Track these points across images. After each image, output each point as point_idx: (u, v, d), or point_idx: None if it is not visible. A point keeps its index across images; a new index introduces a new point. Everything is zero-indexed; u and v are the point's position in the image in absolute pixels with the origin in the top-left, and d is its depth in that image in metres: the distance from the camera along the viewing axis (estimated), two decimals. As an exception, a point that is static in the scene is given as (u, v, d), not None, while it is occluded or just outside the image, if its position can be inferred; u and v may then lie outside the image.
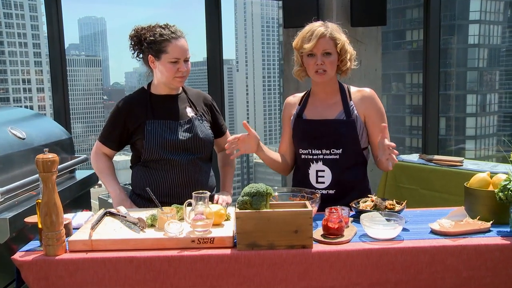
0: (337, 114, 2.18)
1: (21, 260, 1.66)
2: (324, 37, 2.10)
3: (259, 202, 1.67)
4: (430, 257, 1.67)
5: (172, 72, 2.17)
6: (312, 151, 2.18)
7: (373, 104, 2.20)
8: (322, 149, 2.16)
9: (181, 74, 2.19)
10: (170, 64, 2.16)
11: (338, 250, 1.67)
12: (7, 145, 2.35)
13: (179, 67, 2.17)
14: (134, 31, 2.24)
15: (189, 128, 2.24)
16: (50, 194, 1.67)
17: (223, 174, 2.50)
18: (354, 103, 2.19)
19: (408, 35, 53.16)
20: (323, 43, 2.10)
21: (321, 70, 2.13)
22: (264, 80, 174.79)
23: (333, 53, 2.12)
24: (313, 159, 2.18)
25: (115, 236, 1.75)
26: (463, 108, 52.63)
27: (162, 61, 2.17)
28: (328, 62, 2.11)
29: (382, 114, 2.22)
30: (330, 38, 2.11)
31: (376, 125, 2.15)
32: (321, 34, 2.10)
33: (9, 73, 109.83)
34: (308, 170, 2.20)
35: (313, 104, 2.25)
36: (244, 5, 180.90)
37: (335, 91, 2.23)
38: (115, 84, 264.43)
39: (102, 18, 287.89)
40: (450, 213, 1.90)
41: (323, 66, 2.12)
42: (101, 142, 2.31)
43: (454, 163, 3.64)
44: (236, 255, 1.65)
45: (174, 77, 2.19)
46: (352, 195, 2.13)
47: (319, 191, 2.09)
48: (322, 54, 2.11)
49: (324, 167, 2.17)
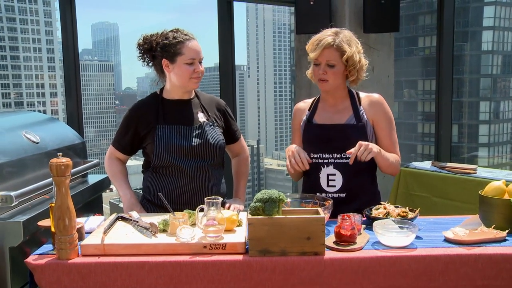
0: (347, 119, 2.20)
1: (34, 263, 1.67)
2: (329, 48, 2.11)
3: (271, 208, 1.66)
4: (443, 266, 1.65)
5: (188, 73, 2.17)
6: (323, 155, 2.19)
7: (381, 109, 2.22)
8: (333, 153, 2.18)
9: (197, 75, 2.19)
10: (186, 65, 2.17)
11: (351, 257, 1.66)
12: (21, 149, 2.37)
13: (195, 67, 2.19)
14: (143, 39, 2.24)
15: (200, 134, 2.23)
16: (64, 198, 1.68)
17: (236, 181, 2.49)
18: (363, 108, 2.21)
19: (420, 41, 52.94)
20: (327, 54, 2.12)
21: (323, 79, 2.16)
22: (275, 86, 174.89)
23: (338, 64, 2.13)
24: (324, 163, 2.19)
25: (127, 241, 1.75)
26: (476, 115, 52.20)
27: (177, 63, 2.18)
28: (331, 72, 2.13)
29: (390, 119, 2.24)
30: (336, 49, 2.11)
31: (384, 130, 2.20)
32: (327, 44, 2.10)
33: (23, 77, 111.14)
34: (319, 174, 2.20)
35: (323, 109, 2.27)
36: (256, 11, 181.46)
37: (344, 97, 2.24)
38: (127, 89, 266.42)
39: (115, 23, 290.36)
40: (464, 221, 1.88)
41: (325, 76, 2.14)
42: (114, 146, 2.32)
43: (467, 170, 3.61)
44: (248, 261, 1.65)
45: (190, 78, 2.19)
46: (362, 199, 2.15)
47: (329, 194, 2.13)
48: (326, 64, 2.13)
49: (335, 171, 2.17)
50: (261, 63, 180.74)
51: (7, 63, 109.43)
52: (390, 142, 2.22)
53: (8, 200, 2.06)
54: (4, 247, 2.02)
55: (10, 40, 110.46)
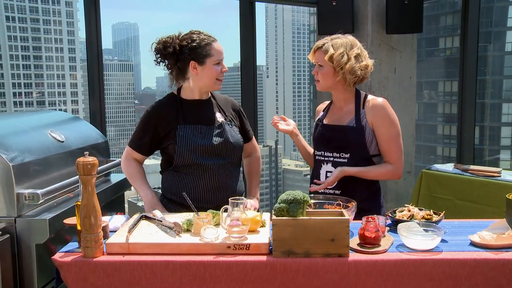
0: (348, 120, 2.29)
1: (60, 260, 1.69)
2: (318, 50, 2.27)
3: (296, 209, 1.66)
4: (470, 269, 1.63)
5: (216, 74, 2.23)
6: (325, 153, 2.33)
7: (382, 113, 2.25)
8: (333, 152, 2.30)
9: (222, 75, 2.26)
10: (215, 66, 2.22)
11: (375, 260, 1.65)
12: (46, 147, 2.41)
13: (222, 67, 2.24)
14: (163, 43, 2.22)
15: (220, 133, 2.26)
16: (90, 196, 1.70)
17: (249, 180, 2.54)
18: (365, 111, 2.27)
19: (441, 42, 52.27)
20: (316, 56, 2.29)
21: (316, 79, 2.31)
22: (294, 86, 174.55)
23: (325, 65, 2.25)
24: (324, 161, 2.32)
25: (152, 240, 1.76)
26: (498, 118, 51.33)
27: (207, 65, 2.21)
28: (320, 73, 2.27)
29: (392, 124, 2.26)
30: (324, 52, 2.24)
31: (383, 135, 2.25)
32: (318, 47, 2.28)
33: (45, 77, 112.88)
34: (319, 170, 2.34)
35: (332, 111, 2.40)
36: (275, 11, 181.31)
37: (350, 99, 2.32)
38: (146, 89, 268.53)
39: (135, 23, 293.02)
40: (491, 225, 1.85)
41: (316, 77, 2.30)
42: (131, 147, 2.32)
43: (491, 173, 3.55)
44: (271, 262, 1.65)
45: (216, 80, 2.25)
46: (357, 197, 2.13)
47: (326, 190, 2.25)
48: (318, 65, 2.29)
49: (332, 169, 2.28)
50: (280, 64, 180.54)
51: (30, 63, 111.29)
52: (388, 147, 2.25)
53: (35, 198, 2.09)
54: (31, 244, 2.06)
55: (33, 40, 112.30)
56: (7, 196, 2.07)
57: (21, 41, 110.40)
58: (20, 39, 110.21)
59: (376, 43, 4.21)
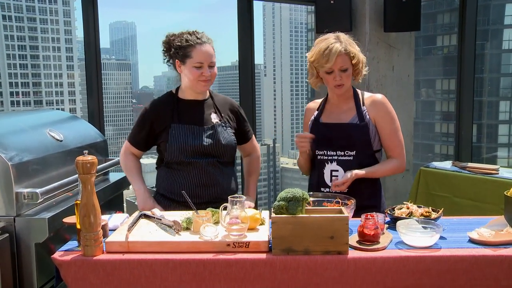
0: (350, 118, 2.29)
1: (60, 259, 1.70)
2: (341, 55, 2.20)
3: (295, 207, 1.66)
4: (468, 266, 1.64)
5: (195, 76, 2.23)
6: (328, 152, 2.30)
7: (383, 109, 2.29)
8: (337, 151, 2.28)
9: (204, 79, 2.24)
10: (194, 68, 2.23)
11: (374, 257, 1.66)
12: (45, 147, 2.41)
13: (203, 71, 2.23)
14: (166, 38, 2.32)
15: (212, 134, 2.29)
16: (89, 195, 1.70)
17: (247, 179, 2.55)
18: (366, 108, 2.29)
19: (439, 40, 52.28)
20: (339, 61, 2.20)
21: (340, 84, 2.25)
22: (291, 85, 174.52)
23: (349, 67, 2.24)
24: (328, 160, 2.30)
25: (151, 239, 1.77)
26: (495, 115, 51.39)
27: (187, 65, 2.24)
28: (345, 76, 2.24)
29: (392, 119, 2.31)
30: (346, 54, 2.21)
31: (385, 130, 2.28)
32: (339, 52, 2.19)
33: (42, 76, 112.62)
34: (323, 170, 2.31)
35: (329, 110, 2.39)
36: (272, 10, 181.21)
37: (349, 97, 2.34)
38: (144, 88, 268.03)
39: (133, 22, 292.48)
40: (489, 222, 1.86)
41: (341, 81, 2.24)
42: (129, 142, 2.39)
43: (489, 171, 3.56)
44: (271, 260, 1.65)
45: (198, 81, 2.25)
46: (363, 194, 2.20)
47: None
48: (339, 70, 2.22)
49: (338, 167, 2.28)
50: (278, 62, 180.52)
51: (27, 62, 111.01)
52: (391, 142, 2.29)
53: (34, 197, 2.09)
54: (30, 243, 2.06)
55: (30, 39, 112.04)
56: (6, 195, 2.07)
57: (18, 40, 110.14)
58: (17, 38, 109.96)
59: (374, 41, 4.22)
